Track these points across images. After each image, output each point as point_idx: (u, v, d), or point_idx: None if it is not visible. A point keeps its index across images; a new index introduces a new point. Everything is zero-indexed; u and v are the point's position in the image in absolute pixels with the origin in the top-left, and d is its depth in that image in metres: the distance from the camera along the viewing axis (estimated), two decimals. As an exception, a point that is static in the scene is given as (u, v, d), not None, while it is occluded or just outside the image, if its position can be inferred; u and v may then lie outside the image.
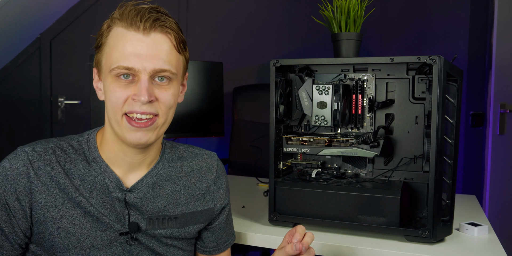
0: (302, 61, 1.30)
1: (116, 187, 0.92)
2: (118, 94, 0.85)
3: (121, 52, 0.85)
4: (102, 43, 0.88)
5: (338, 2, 1.33)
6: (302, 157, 1.40)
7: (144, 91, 0.84)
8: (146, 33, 0.85)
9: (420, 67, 1.25)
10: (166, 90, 0.89)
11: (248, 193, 1.72)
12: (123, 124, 0.87)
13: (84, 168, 0.91)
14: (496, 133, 2.39)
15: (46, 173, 0.88)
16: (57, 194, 0.88)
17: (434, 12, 2.53)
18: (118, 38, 0.86)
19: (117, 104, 0.86)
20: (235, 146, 2.47)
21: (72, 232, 0.89)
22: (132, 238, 0.93)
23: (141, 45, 0.85)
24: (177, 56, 0.90)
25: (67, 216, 0.89)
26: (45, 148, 0.91)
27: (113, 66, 0.85)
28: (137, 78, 0.86)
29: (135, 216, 0.94)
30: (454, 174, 1.20)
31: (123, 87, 0.86)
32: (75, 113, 3.00)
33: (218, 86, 2.15)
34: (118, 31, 0.86)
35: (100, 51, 0.89)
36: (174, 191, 0.99)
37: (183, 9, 2.87)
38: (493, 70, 2.38)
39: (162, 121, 0.90)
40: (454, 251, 1.12)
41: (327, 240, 1.20)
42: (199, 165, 1.05)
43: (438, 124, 1.12)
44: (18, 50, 2.95)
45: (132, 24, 0.85)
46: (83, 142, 0.94)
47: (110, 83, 0.87)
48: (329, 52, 1.41)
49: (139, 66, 0.84)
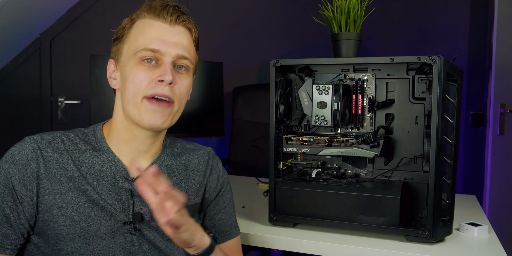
0: (302, 61, 1.30)
1: (123, 176, 0.94)
2: (142, 76, 0.89)
3: (148, 37, 0.91)
4: (124, 35, 0.94)
5: (338, 2, 1.33)
6: (302, 157, 1.40)
7: (169, 71, 0.89)
8: (172, 25, 0.93)
9: (420, 67, 1.25)
10: (184, 79, 0.95)
11: (248, 193, 1.72)
12: (142, 107, 0.90)
13: (92, 157, 0.94)
14: (496, 133, 2.39)
15: (54, 160, 0.90)
16: (64, 182, 0.90)
17: (434, 12, 2.53)
18: (145, 26, 0.92)
19: (140, 86, 0.89)
20: (235, 146, 2.47)
21: (76, 220, 0.90)
22: (135, 228, 0.94)
23: (167, 33, 0.92)
24: (194, 50, 0.98)
25: (73, 204, 0.90)
26: (53, 136, 0.94)
27: (139, 48, 0.90)
28: (161, 62, 0.91)
29: (139, 207, 0.95)
30: (454, 174, 1.20)
31: (146, 70, 0.90)
32: (75, 113, 2.99)
33: (218, 86, 2.16)
34: (144, 21, 0.93)
35: (122, 41, 0.94)
36: (175, 183, 1.01)
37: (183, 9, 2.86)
38: (493, 70, 2.38)
39: (176, 108, 0.94)
40: (454, 251, 1.12)
41: (327, 240, 1.20)
42: (197, 159, 1.08)
43: (438, 124, 1.12)
44: (18, 50, 2.95)
45: (159, 15, 0.92)
46: (89, 134, 0.98)
47: (133, 66, 0.90)
48: (329, 52, 1.41)
49: (164, 49, 0.90)
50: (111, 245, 0.92)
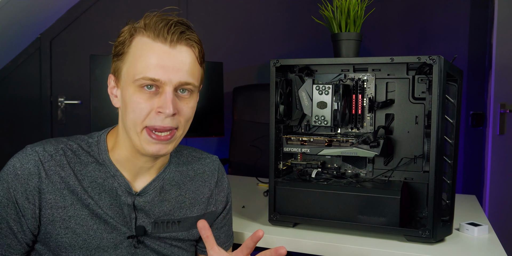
0: (302, 61, 1.30)
1: (125, 191, 0.93)
2: (142, 106, 0.85)
3: (146, 63, 0.84)
4: (124, 52, 0.88)
5: (338, 2, 1.33)
6: (302, 157, 1.40)
7: (169, 104, 0.84)
8: (173, 46, 0.86)
9: (420, 67, 1.25)
10: (188, 103, 0.89)
11: (248, 193, 1.72)
12: (142, 136, 0.87)
13: (94, 170, 0.92)
14: (496, 133, 2.39)
15: (57, 174, 0.89)
16: (66, 195, 0.89)
17: (434, 12, 2.53)
18: (144, 48, 0.85)
19: (140, 116, 0.85)
20: (235, 146, 2.47)
21: (79, 233, 0.89)
22: (138, 241, 0.94)
23: (168, 57, 0.85)
24: (199, 69, 0.92)
25: (75, 217, 0.89)
26: (55, 148, 0.91)
27: (137, 76, 0.84)
28: (161, 90, 0.85)
29: (141, 220, 0.94)
30: (454, 174, 1.20)
31: (146, 99, 0.85)
32: (75, 113, 2.99)
33: (218, 86, 2.15)
34: (143, 41, 0.86)
35: (121, 59, 0.89)
36: (179, 195, 1.00)
37: (183, 9, 2.87)
38: (493, 70, 2.38)
39: (180, 133, 0.91)
40: (454, 251, 1.12)
41: (327, 240, 1.20)
42: (202, 169, 1.06)
43: (438, 124, 1.12)
44: (18, 50, 2.95)
45: (159, 35, 0.85)
46: (93, 145, 0.94)
47: (132, 93, 0.86)
48: (329, 52, 1.41)
49: (165, 78, 0.84)
50: None
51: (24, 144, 0.94)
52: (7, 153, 2.97)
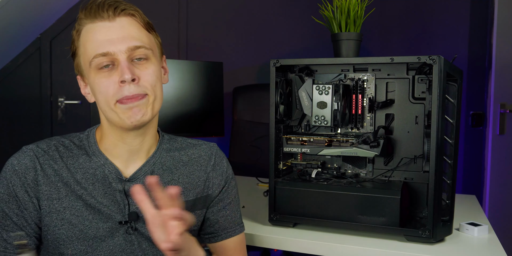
0: (302, 61, 1.30)
1: (116, 178, 0.95)
2: (105, 83, 0.88)
3: (94, 43, 0.88)
4: (76, 47, 0.93)
5: (338, 2, 1.33)
6: (302, 157, 1.40)
7: (126, 70, 0.87)
8: (112, 20, 0.89)
9: (420, 67, 1.25)
10: (146, 68, 0.91)
11: (248, 193, 1.72)
12: (117, 108, 0.89)
13: (85, 162, 0.96)
14: (496, 133, 2.39)
15: (51, 167, 0.93)
16: (61, 187, 0.93)
17: (434, 12, 2.53)
18: (88, 32, 0.90)
19: (107, 93, 0.88)
20: (235, 146, 2.47)
21: (75, 223, 0.92)
22: (132, 228, 0.95)
23: (111, 31, 0.89)
24: (147, 34, 0.93)
25: (70, 208, 0.92)
26: (48, 145, 0.96)
27: (91, 57, 0.88)
28: (117, 63, 0.88)
29: (135, 206, 0.95)
30: (454, 174, 1.20)
31: (107, 77, 0.89)
32: (75, 113, 2.99)
33: (218, 86, 2.15)
34: (87, 28, 0.90)
35: (77, 54, 0.94)
36: (172, 179, 1.01)
37: (183, 9, 2.87)
38: (493, 70, 2.38)
39: (152, 98, 0.92)
40: (454, 251, 1.12)
41: (327, 240, 1.20)
42: (197, 154, 1.06)
43: (438, 124, 1.12)
44: (18, 50, 2.94)
45: (96, 16, 0.89)
46: (83, 138, 0.99)
47: (94, 76, 0.90)
48: (329, 52, 1.41)
49: (114, 49, 0.88)
50: (110, 246, 0.93)
51: (24, 144, 0.97)
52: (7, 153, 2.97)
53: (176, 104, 2.00)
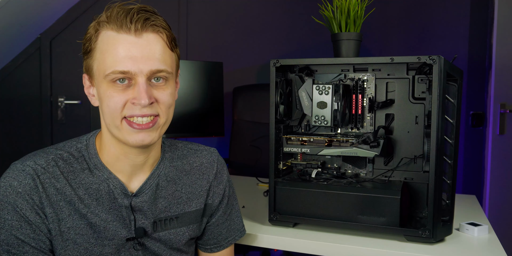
0: (302, 61, 1.30)
1: (121, 193, 0.91)
2: (116, 99, 0.83)
3: (114, 57, 0.82)
4: (92, 49, 0.86)
5: (338, 2, 1.33)
6: (302, 157, 1.40)
7: (144, 94, 0.82)
8: (138, 34, 0.83)
9: (420, 67, 1.25)
10: (164, 90, 0.87)
11: (248, 193, 1.72)
12: (123, 128, 0.85)
13: (87, 177, 0.90)
14: (496, 133, 2.39)
15: (52, 186, 0.86)
16: (63, 206, 0.87)
17: (434, 12, 2.53)
18: (109, 42, 0.83)
19: (116, 109, 0.83)
20: (235, 146, 2.47)
21: (80, 243, 0.88)
22: (139, 243, 0.93)
23: (135, 47, 0.82)
24: (170, 54, 0.88)
25: (74, 228, 0.88)
26: (46, 160, 0.88)
27: (107, 71, 0.82)
28: (134, 82, 0.83)
29: (141, 221, 0.93)
30: (454, 174, 1.20)
31: (120, 92, 0.83)
32: (75, 113, 3.00)
33: (218, 86, 2.15)
34: (108, 35, 0.84)
35: (90, 56, 0.86)
36: (175, 191, 0.98)
37: (183, 9, 2.87)
38: (493, 70, 2.38)
39: (163, 121, 0.88)
40: (454, 251, 1.12)
41: (327, 240, 1.20)
42: (199, 161, 1.03)
43: (438, 124, 1.12)
44: (18, 50, 2.95)
45: (122, 26, 0.82)
46: (82, 149, 0.92)
47: (106, 89, 0.84)
48: (329, 52, 1.41)
49: (135, 69, 0.82)
50: None
51: (24, 144, 0.93)
52: (7, 153, 2.97)
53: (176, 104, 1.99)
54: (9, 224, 0.83)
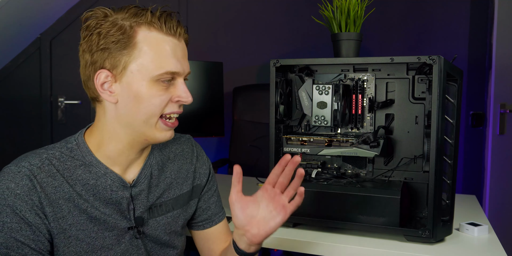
0: (302, 61, 1.30)
1: (120, 186, 0.94)
2: (163, 98, 0.89)
3: (165, 57, 0.87)
4: (129, 46, 0.85)
5: (338, 2, 1.33)
6: (302, 157, 1.40)
7: (188, 93, 0.92)
8: (180, 38, 0.91)
9: (420, 67, 1.25)
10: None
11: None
12: (158, 125, 0.91)
13: (83, 173, 0.91)
14: (496, 133, 2.39)
15: (50, 185, 0.87)
16: (63, 204, 0.87)
17: (434, 12, 2.53)
18: (158, 43, 0.87)
19: (160, 107, 0.89)
20: (235, 146, 2.47)
21: (82, 238, 0.89)
22: (139, 232, 0.96)
23: (179, 50, 0.90)
24: None
25: (75, 224, 0.89)
26: (40, 159, 0.88)
27: (160, 71, 0.87)
28: (175, 81, 0.91)
29: (139, 210, 0.96)
30: (454, 174, 1.20)
31: (165, 91, 0.89)
32: (75, 113, 3.00)
33: (218, 86, 2.16)
34: (154, 36, 0.87)
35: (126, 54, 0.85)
36: (166, 177, 1.03)
37: (183, 9, 2.87)
38: (493, 70, 2.38)
39: None
40: (454, 251, 1.12)
41: (327, 240, 1.20)
42: (180, 148, 1.09)
43: (438, 124, 1.12)
44: (18, 50, 2.95)
45: (170, 30, 0.89)
46: (73, 149, 0.92)
47: (150, 87, 0.87)
48: (329, 52, 1.41)
49: (181, 69, 0.90)
50: (118, 253, 0.93)
51: (24, 144, 0.93)
52: (7, 153, 2.97)
53: (176, 104, 2.00)
54: (8, 227, 0.83)
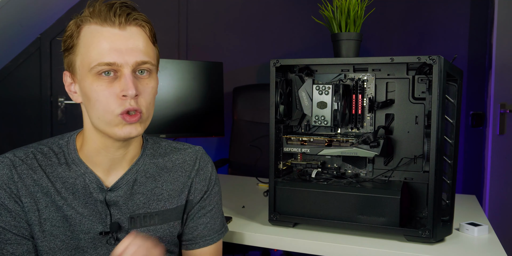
0: (302, 61, 1.30)
1: (97, 187, 0.92)
2: (105, 93, 0.84)
3: (99, 49, 0.83)
4: (74, 44, 0.87)
5: (338, 2, 1.33)
6: (302, 157, 1.40)
7: (131, 85, 0.83)
8: (122, 28, 0.85)
9: (420, 67, 1.25)
10: (148, 84, 0.88)
11: (248, 193, 1.72)
12: (116, 121, 0.85)
13: (64, 171, 0.91)
14: (496, 133, 2.39)
15: (29, 177, 0.89)
16: (40, 198, 0.89)
17: (434, 12, 2.53)
18: (93, 35, 0.84)
19: (108, 105, 0.84)
20: (235, 146, 2.47)
21: (56, 234, 0.89)
22: (114, 238, 0.93)
23: (120, 39, 0.84)
24: (153, 48, 0.90)
25: (51, 219, 0.89)
26: (25, 153, 0.91)
27: (93, 64, 0.83)
28: (120, 74, 0.84)
29: (117, 216, 0.94)
30: (454, 174, 1.20)
31: (107, 85, 0.84)
32: (75, 113, 3.00)
33: (218, 86, 2.15)
34: (91, 29, 0.85)
35: (73, 52, 0.88)
36: (155, 187, 0.98)
37: (183, 9, 2.87)
38: (493, 70, 2.38)
39: (146, 116, 0.89)
40: (454, 251, 1.12)
41: (327, 240, 1.20)
42: (182, 159, 1.03)
43: (438, 124, 1.12)
44: (18, 50, 2.94)
45: (106, 20, 0.84)
46: (63, 145, 0.94)
47: (91, 82, 0.85)
48: (329, 52, 1.41)
49: (120, 60, 0.83)
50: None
51: (24, 144, 0.94)
52: (7, 153, 2.97)
53: (176, 104, 2.00)
54: None
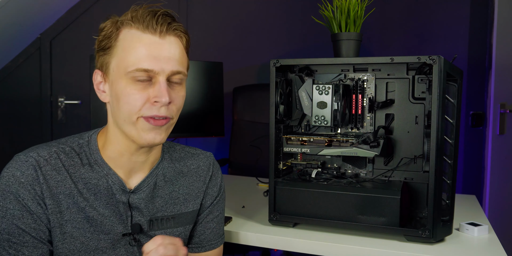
0: (302, 61, 1.30)
1: (120, 189, 0.93)
2: (137, 97, 0.85)
3: (138, 54, 0.85)
4: (112, 46, 0.88)
5: (338, 2, 1.33)
6: (302, 157, 1.40)
7: (165, 92, 0.85)
8: (162, 36, 0.87)
9: (420, 67, 1.25)
10: (179, 92, 0.91)
11: (248, 193, 1.72)
12: (139, 124, 0.87)
13: (87, 172, 0.91)
14: (496, 133, 2.39)
15: (53, 178, 0.88)
16: (62, 199, 0.88)
17: (434, 12, 2.53)
18: (133, 40, 0.86)
19: (135, 107, 0.86)
20: (235, 146, 2.47)
21: (76, 236, 0.89)
22: (134, 239, 0.94)
23: (159, 48, 0.86)
24: (186, 59, 0.93)
25: (72, 221, 0.89)
26: (49, 152, 0.90)
27: (130, 68, 0.85)
28: (155, 80, 0.86)
29: (137, 218, 0.95)
30: (454, 174, 1.20)
31: (140, 90, 0.86)
32: (75, 113, 3.00)
33: (218, 86, 2.15)
34: (131, 33, 0.86)
35: (108, 53, 0.88)
36: (173, 191, 1.00)
37: (183, 9, 2.87)
38: (493, 70, 2.38)
39: (173, 121, 0.92)
40: (454, 251, 1.12)
41: (327, 240, 1.20)
42: (196, 164, 1.06)
43: (438, 124, 1.12)
44: (18, 50, 2.95)
45: (148, 27, 0.86)
46: (84, 145, 0.94)
47: (125, 85, 0.86)
48: (329, 52, 1.41)
49: (157, 68, 0.85)
50: None
51: (24, 144, 0.94)
52: (7, 153, 2.97)
53: (176, 104, 2.00)
54: (11, 214, 0.85)
